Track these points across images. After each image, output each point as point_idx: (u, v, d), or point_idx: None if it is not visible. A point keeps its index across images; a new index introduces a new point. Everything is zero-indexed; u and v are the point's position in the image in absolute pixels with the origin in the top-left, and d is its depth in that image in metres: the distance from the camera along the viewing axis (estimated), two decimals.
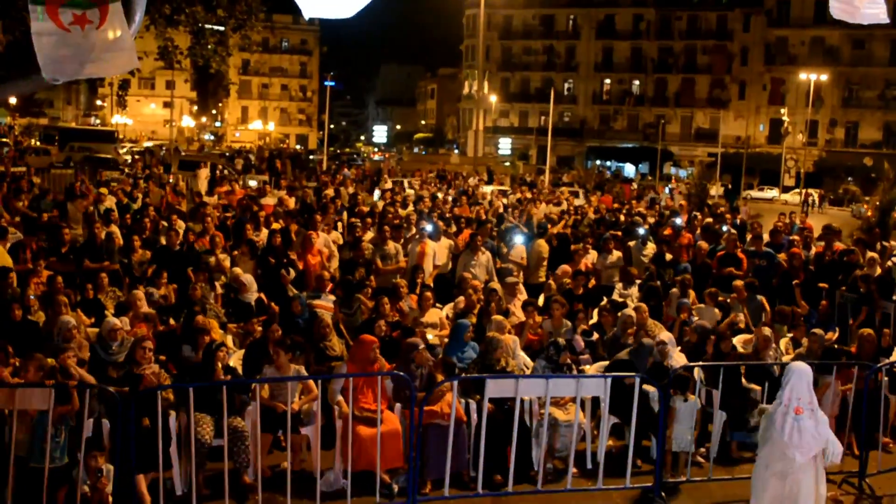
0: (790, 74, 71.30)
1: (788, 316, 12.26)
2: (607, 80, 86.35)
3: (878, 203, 29.49)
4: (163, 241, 14.51)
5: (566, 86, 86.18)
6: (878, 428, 9.81)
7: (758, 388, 9.87)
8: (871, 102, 72.98)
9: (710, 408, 9.74)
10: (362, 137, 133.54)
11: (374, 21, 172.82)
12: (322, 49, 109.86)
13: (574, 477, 8.76)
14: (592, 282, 14.65)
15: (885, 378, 10.08)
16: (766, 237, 16.55)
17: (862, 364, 9.89)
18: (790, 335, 11.75)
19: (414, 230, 15.53)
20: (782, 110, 68.96)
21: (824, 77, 64.72)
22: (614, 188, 44.71)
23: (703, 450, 9.61)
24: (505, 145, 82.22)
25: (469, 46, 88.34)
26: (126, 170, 34.52)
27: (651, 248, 16.50)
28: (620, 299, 13.06)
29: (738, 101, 79.31)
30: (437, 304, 12.33)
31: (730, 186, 56.62)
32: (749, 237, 17.07)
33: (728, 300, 12.98)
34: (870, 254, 14.51)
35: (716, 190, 52.20)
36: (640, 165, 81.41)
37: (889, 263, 14.92)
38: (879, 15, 6.32)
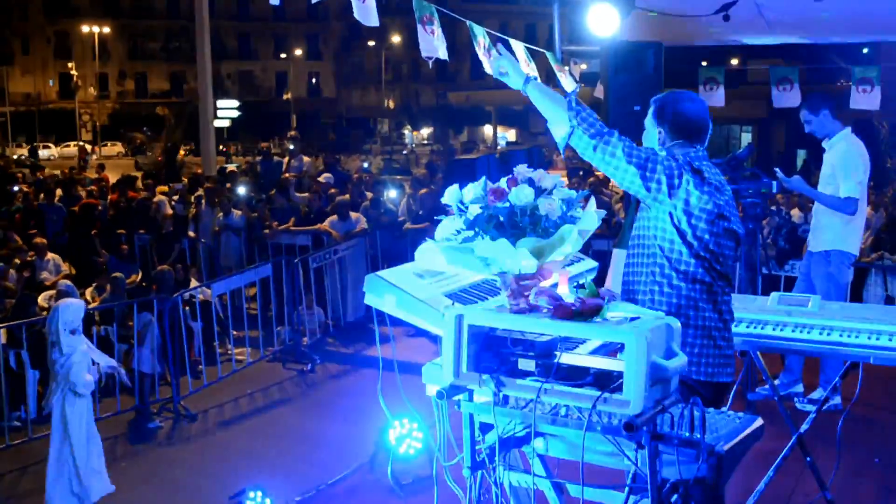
0: (75, 27, 70.12)
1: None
2: None
3: (164, 148, 31.27)
4: None
5: None
6: (185, 355, 10.62)
7: None
8: (156, 54, 75.42)
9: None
10: None
11: None
12: None
13: None
14: None
15: (187, 308, 10.87)
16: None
17: (161, 297, 10.55)
18: (95, 284, 12.01)
19: None
20: (70, 64, 67.93)
21: (108, 30, 65.25)
22: None
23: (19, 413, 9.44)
24: None
25: None
26: None
27: None
28: None
29: (22, 56, 75.44)
30: None
31: (24, 145, 54.59)
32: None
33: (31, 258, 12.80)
34: (159, 196, 15.45)
35: (14, 151, 49.96)
36: None
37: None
38: None
